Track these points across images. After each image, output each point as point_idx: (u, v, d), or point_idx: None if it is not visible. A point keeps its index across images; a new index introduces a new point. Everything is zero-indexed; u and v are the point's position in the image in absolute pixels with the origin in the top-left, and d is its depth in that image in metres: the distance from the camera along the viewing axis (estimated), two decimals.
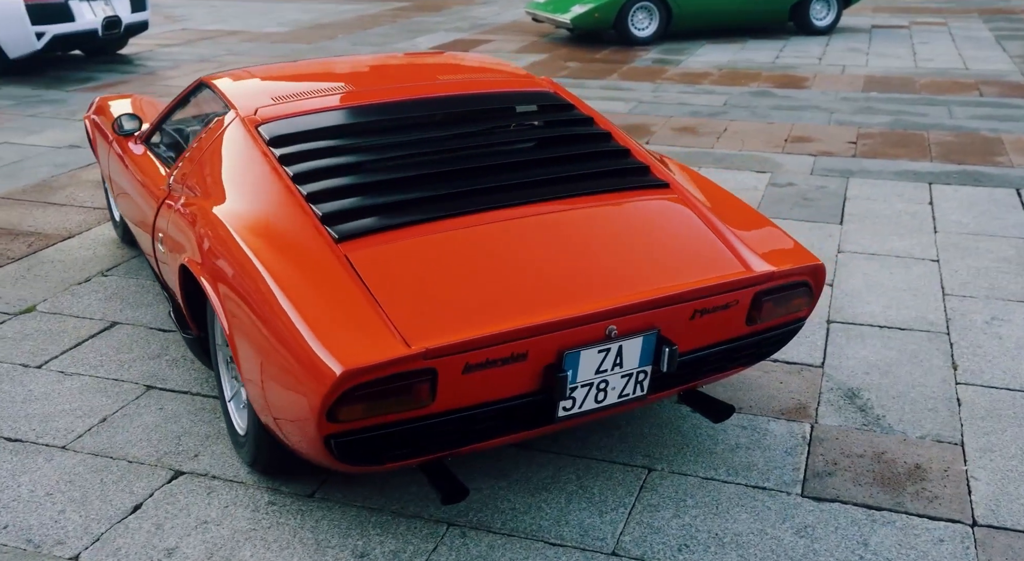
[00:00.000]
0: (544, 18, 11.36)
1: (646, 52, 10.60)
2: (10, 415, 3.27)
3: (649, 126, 7.20)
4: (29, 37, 9.14)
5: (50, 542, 2.64)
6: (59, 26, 9.28)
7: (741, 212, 3.02)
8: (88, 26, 9.50)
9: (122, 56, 10.65)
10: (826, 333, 3.83)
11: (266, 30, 12.66)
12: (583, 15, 10.76)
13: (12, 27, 9.05)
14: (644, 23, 11.06)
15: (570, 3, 11.05)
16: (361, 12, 14.50)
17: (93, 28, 9.54)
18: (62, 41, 9.40)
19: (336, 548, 2.61)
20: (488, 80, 3.48)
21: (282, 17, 13.98)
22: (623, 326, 2.51)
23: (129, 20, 9.99)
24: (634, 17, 10.99)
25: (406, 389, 2.28)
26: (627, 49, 10.81)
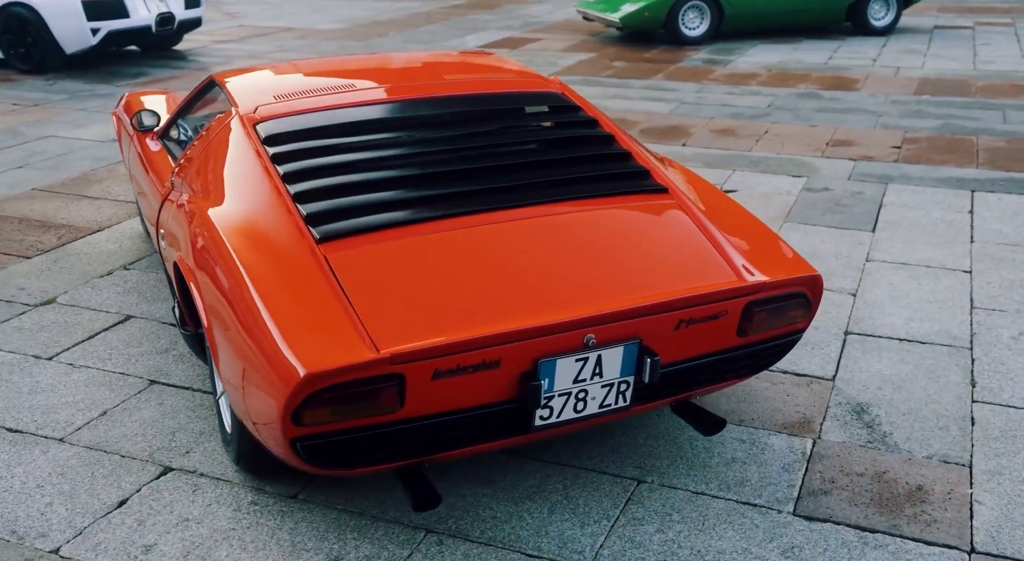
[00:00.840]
0: (594, 17, 11.27)
1: (696, 52, 10.45)
2: (15, 405, 3.32)
3: (688, 127, 7.09)
4: (85, 33, 9.34)
5: (33, 534, 2.67)
6: (114, 22, 9.47)
7: (741, 220, 2.93)
8: (142, 22, 9.68)
9: (176, 52, 10.83)
10: (842, 345, 3.71)
11: (320, 27, 12.77)
12: (633, 14, 10.64)
13: (68, 23, 9.26)
14: (695, 23, 10.90)
15: (620, 2, 10.95)
16: (415, 10, 14.55)
17: (147, 24, 9.72)
18: (117, 37, 9.59)
19: (311, 551, 2.59)
20: (494, 80, 3.44)
21: (337, 14, 14.10)
22: (602, 335, 2.45)
23: (183, 16, 10.15)
24: (685, 16, 10.84)
25: (372, 394, 2.25)
26: (677, 49, 10.67)
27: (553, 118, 3.27)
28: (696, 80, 8.87)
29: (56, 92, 8.68)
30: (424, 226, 2.65)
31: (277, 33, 12.21)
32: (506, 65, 3.74)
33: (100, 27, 9.39)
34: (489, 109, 3.23)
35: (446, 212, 2.70)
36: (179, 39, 10.95)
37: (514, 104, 3.29)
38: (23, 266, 4.59)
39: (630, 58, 10.11)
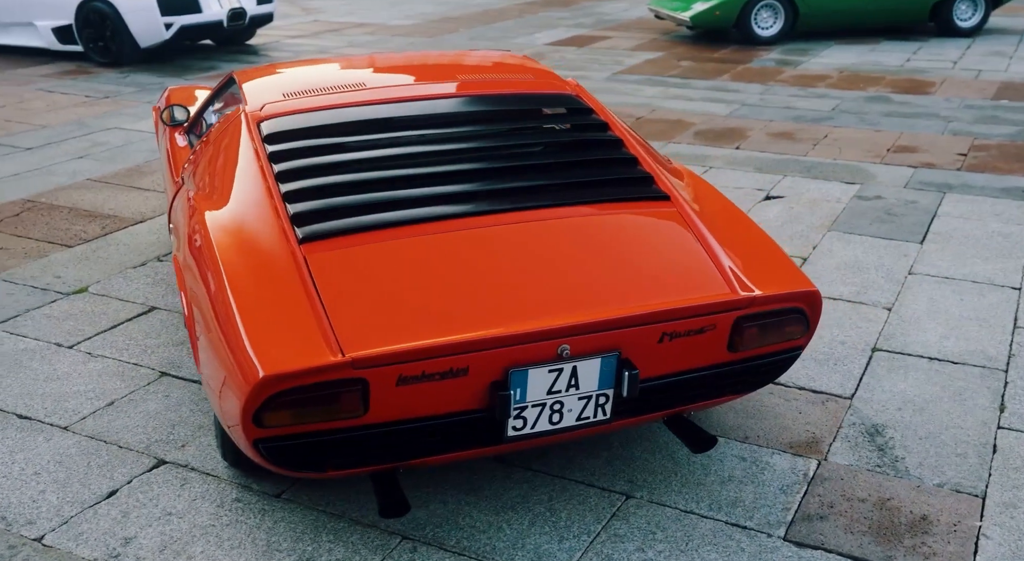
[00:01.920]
0: (665, 15, 11.10)
1: (767, 52, 10.20)
2: (28, 392, 3.40)
3: (745, 130, 6.91)
4: (158, 27, 9.58)
5: (22, 521, 2.72)
6: (186, 17, 9.69)
7: (744, 232, 2.82)
8: (214, 17, 9.88)
9: (249, 46, 11.04)
10: (867, 362, 3.55)
11: (392, 23, 12.87)
12: (703, 13, 10.44)
13: (143, 18, 9.50)
14: (768, 22, 10.64)
15: (692, 0, 10.75)
16: (489, 6, 14.55)
17: (218, 19, 9.92)
18: (189, 31, 9.81)
19: (284, 552, 2.58)
20: (507, 81, 3.38)
21: (412, 10, 14.19)
22: (578, 346, 2.37)
23: (254, 12, 10.33)
24: (757, 16, 10.59)
25: (334, 398, 2.23)
26: (748, 49, 10.43)
27: (562, 121, 3.19)
28: (762, 81, 8.65)
29: (127, 85, 8.92)
30: (411, 228, 2.61)
31: (349, 29, 12.34)
32: (527, 66, 3.67)
33: (173, 22, 9.62)
34: (496, 110, 3.18)
35: (436, 214, 2.66)
36: (252, 34, 11.15)
37: (523, 106, 3.22)
38: (64, 255, 4.71)
39: (698, 58, 9.92)
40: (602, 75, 9.03)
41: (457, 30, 12.13)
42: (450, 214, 2.66)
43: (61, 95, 8.48)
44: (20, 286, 4.34)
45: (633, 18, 13.08)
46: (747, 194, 5.47)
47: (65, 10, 9.83)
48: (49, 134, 7.10)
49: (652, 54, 10.18)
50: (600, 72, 9.19)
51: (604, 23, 12.62)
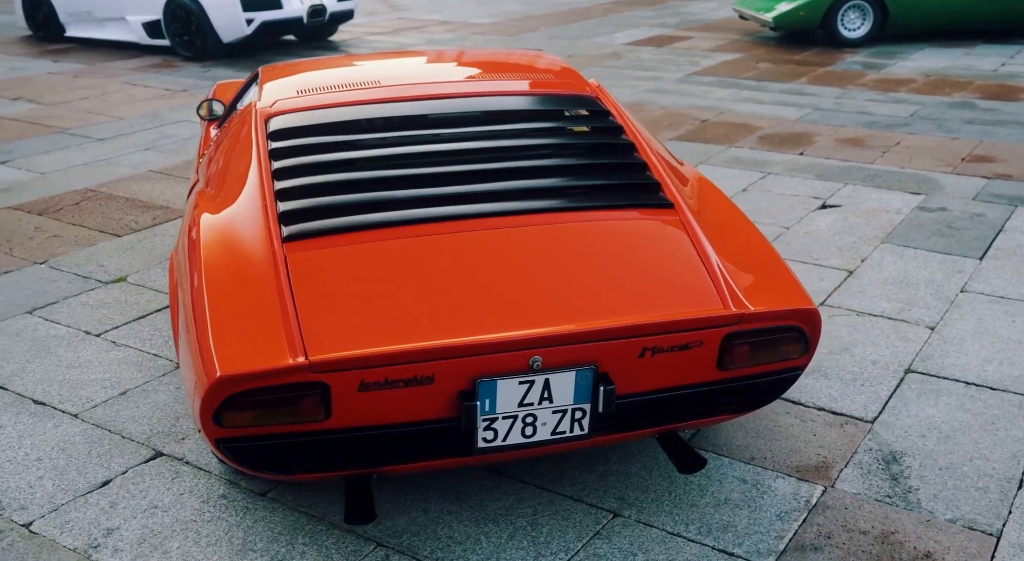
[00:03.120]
0: (749, 16, 10.82)
1: (852, 55, 9.84)
2: (49, 378, 3.48)
3: (812, 135, 6.67)
4: (240, 23, 9.79)
5: (15, 506, 2.78)
6: (267, 13, 9.88)
7: (749, 245, 2.69)
8: (294, 14, 10.04)
9: (331, 43, 11.19)
10: (897, 383, 3.36)
11: (474, 21, 12.89)
12: (787, 14, 10.15)
13: (226, 13, 9.72)
14: (856, 23, 10.27)
15: (776, 0, 10.46)
16: (576, 5, 14.45)
17: (299, 16, 10.08)
18: (270, 27, 9.99)
19: (258, 552, 2.57)
20: (524, 82, 3.31)
21: (497, 8, 14.18)
22: (551, 358, 2.29)
23: (335, 8, 10.47)
24: (844, 17, 10.23)
25: (293, 401, 2.20)
26: (833, 51, 10.09)
27: (576, 123, 3.10)
28: (840, 85, 8.34)
29: (207, 79, 9.13)
30: (398, 230, 2.57)
31: (431, 26, 12.41)
32: (550, 67, 3.59)
33: (254, 17, 9.81)
34: (506, 111, 3.11)
35: (427, 216, 2.60)
36: (333, 30, 11.30)
37: (536, 107, 3.15)
38: (112, 244, 4.82)
39: (778, 59, 9.64)
40: (675, 76, 8.85)
41: (538, 28, 12.07)
42: (442, 216, 2.61)
43: (143, 88, 8.73)
44: (64, 273, 4.46)
45: (719, 18, 12.81)
46: (802, 202, 5.27)
47: (154, 6, 10.13)
48: (123, 126, 7.31)
49: (730, 55, 9.93)
50: (673, 73, 9.01)
51: (688, 23, 12.39)
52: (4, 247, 4.80)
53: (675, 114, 7.37)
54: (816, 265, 4.40)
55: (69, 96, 8.42)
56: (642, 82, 8.62)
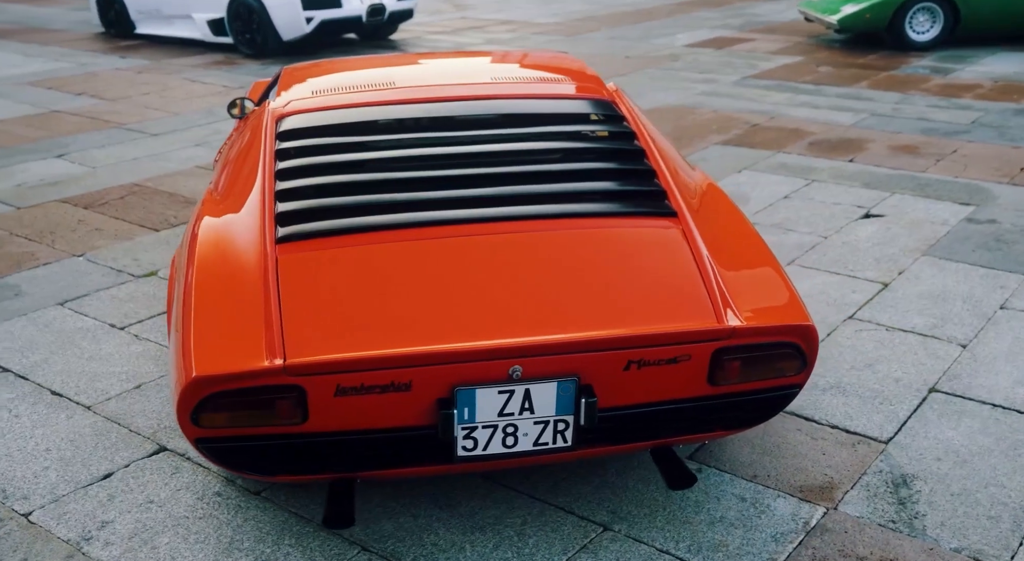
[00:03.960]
0: (814, 18, 10.58)
1: (919, 59, 9.56)
2: (68, 370, 3.56)
3: (865, 142, 6.48)
4: (299, 21, 9.91)
5: (18, 495, 2.84)
6: (326, 11, 9.99)
7: (751, 257, 2.61)
8: (353, 12, 10.14)
9: (391, 41, 11.27)
10: (919, 403, 3.24)
11: (536, 20, 12.85)
12: (852, 16, 9.89)
13: (286, 11, 9.86)
14: (924, 26, 9.96)
15: (842, 2, 10.20)
16: (641, 6, 14.31)
17: (358, 15, 10.17)
18: (330, 26, 10.10)
19: (244, 552, 2.58)
20: (540, 85, 3.26)
21: (562, 8, 14.13)
22: (531, 368, 2.25)
23: (394, 8, 10.53)
24: (913, 19, 9.93)
25: (268, 404, 2.20)
26: (899, 55, 9.81)
27: (588, 127, 3.05)
28: (902, 90, 8.10)
29: (265, 76, 9.26)
30: (392, 234, 2.55)
31: (492, 26, 12.41)
32: (573, 70, 3.54)
33: (314, 16, 9.93)
34: (517, 115, 3.07)
35: (423, 220, 2.58)
36: (394, 29, 11.37)
37: (548, 111, 3.10)
38: (149, 238, 4.91)
39: (840, 63, 9.40)
40: (730, 79, 8.70)
41: (599, 29, 11.99)
42: (439, 220, 2.59)
43: (201, 84, 8.90)
44: (99, 266, 4.55)
45: (785, 20, 12.56)
46: (844, 211, 5.12)
47: (218, 3, 10.32)
48: (177, 122, 7.45)
49: (791, 58, 9.72)
50: (730, 76, 8.85)
51: (753, 25, 12.17)
52: (47, 239, 4.93)
53: (725, 118, 7.23)
54: (850, 277, 4.27)
55: (131, 92, 8.63)
56: (696, 85, 8.49)
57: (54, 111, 7.92)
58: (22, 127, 7.38)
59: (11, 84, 9.11)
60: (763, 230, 4.85)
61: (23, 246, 4.84)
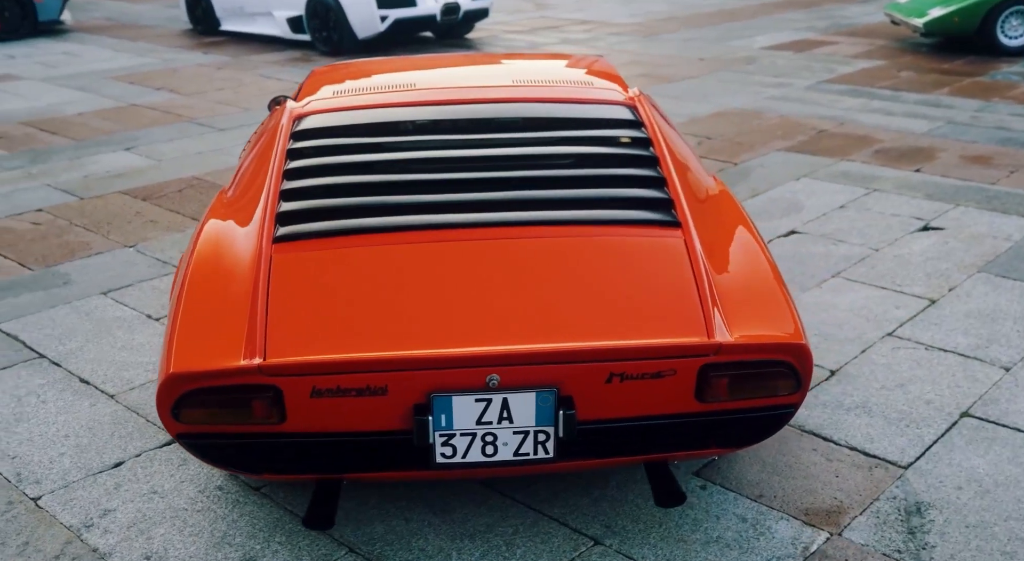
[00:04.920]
0: (900, 20, 10.23)
1: (1010, 65, 9.15)
2: (99, 358, 3.66)
3: (936, 151, 6.23)
4: (374, 19, 10.03)
5: (31, 479, 2.92)
6: (401, 10, 10.07)
7: (751, 273, 2.51)
8: (427, 11, 10.20)
9: (466, 40, 11.31)
10: (948, 427, 3.09)
11: (615, 20, 12.74)
12: (939, 19, 9.52)
13: (361, 10, 9.98)
14: (1018, 30, 9.52)
15: (930, 4, 9.84)
16: (724, 6, 14.06)
17: (432, 14, 10.23)
18: (404, 24, 10.19)
19: (234, 547, 2.61)
20: (560, 89, 3.22)
21: (642, 8, 13.98)
22: (509, 377, 2.22)
23: (469, 7, 10.57)
24: (1005, 23, 9.51)
25: (244, 402, 2.21)
26: (988, 60, 9.41)
27: (602, 133, 2.99)
28: (984, 97, 7.77)
29: None
30: (387, 236, 2.55)
31: (568, 26, 12.35)
32: (598, 74, 3.48)
33: (388, 14, 10.03)
34: (532, 119, 3.03)
35: (420, 223, 2.57)
36: (469, 28, 11.41)
37: (564, 115, 3.05)
38: None
39: (923, 68, 9.07)
40: (805, 83, 8.47)
41: (677, 30, 11.82)
42: (435, 224, 2.57)
43: (276, 81, 9.08)
44: (147, 257, 4.67)
45: (871, 23, 12.18)
46: (901, 222, 4.92)
47: (298, 1, 10.51)
48: (245, 117, 7.61)
49: (872, 63, 9.42)
50: (805, 80, 8.62)
51: (838, 27, 11.84)
52: (103, 229, 5.08)
53: (792, 123, 7.05)
54: (896, 292, 4.10)
55: (207, 87, 8.85)
56: (767, 89, 8.29)
57: (132, 105, 8.18)
58: (99, 120, 7.64)
59: (97, 78, 9.44)
60: (811, 241, 4.70)
61: (80, 236, 5.00)
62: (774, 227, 4.90)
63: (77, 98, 8.52)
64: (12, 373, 3.57)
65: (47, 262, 4.65)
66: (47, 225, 5.18)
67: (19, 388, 3.46)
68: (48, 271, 4.53)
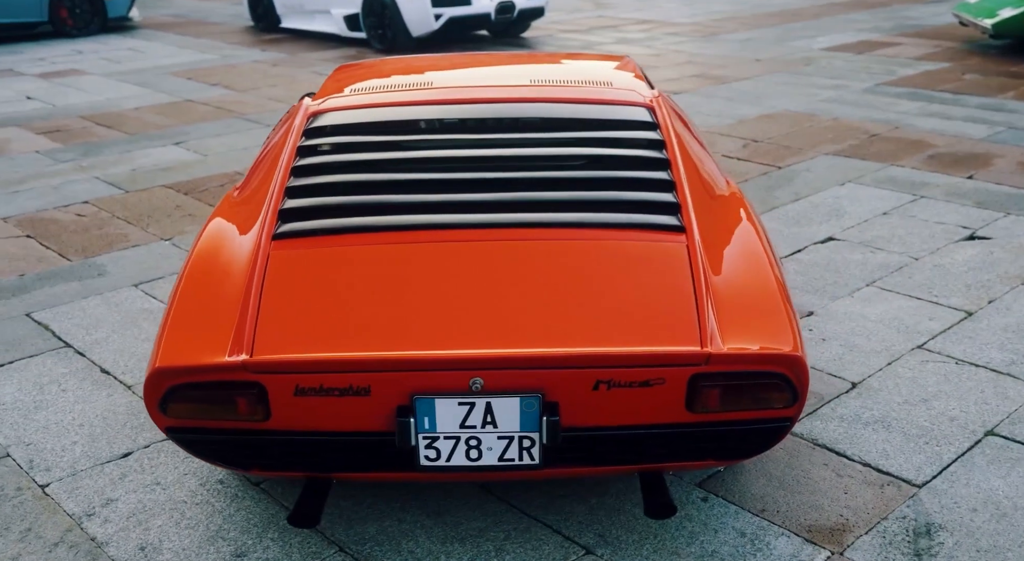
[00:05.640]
0: (968, 21, 9.92)
1: None
2: (123, 349, 3.72)
3: (992, 157, 6.02)
4: (428, 18, 10.06)
5: (42, 467, 2.98)
6: (455, 9, 10.09)
7: (753, 281, 2.44)
8: (482, 10, 10.21)
9: (522, 39, 11.28)
10: (970, 446, 2.97)
11: (674, 20, 12.60)
12: (1010, 20, 9.21)
13: (416, 8, 10.03)
14: None
15: (999, 5, 9.52)
16: (788, 6, 13.81)
17: (486, 12, 10.23)
18: (458, 22, 10.21)
19: (226, 541, 2.62)
20: (577, 89, 3.17)
21: (704, 8, 13.80)
22: (493, 381, 2.18)
23: (523, 5, 10.54)
24: None
25: (228, 399, 2.22)
26: None
27: (617, 134, 2.93)
28: None
29: None
30: (384, 236, 2.53)
31: (627, 25, 12.25)
32: (620, 74, 3.43)
33: (442, 13, 10.06)
34: (544, 119, 2.99)
35: (417, 223, 2.56)
36: (525, 27, 11.38)
37: (578, 116, 3.00)
38: None
39: (989, 71, 8.78)
40: (861, 86, 8.26)
41: (736, 30, 11.63)
42: (434, 224, 2.55)
43: None
44: (181, 251, 4.74)
45: (939, 24, 11.84)
46: (946, 231, 4.76)
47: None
48: None
49: (935, 65, 9.15)
50: (862, 82, 8.41)
51: (903, 28, 11.53)
52: (143, 222, 5.18)
53: (843, 127, 6.87)
54: (931, 303, 3.97)
55: (261, 83, 8.97)
56: (823, 90, 8.10)
57: (187, 100, 8.33)
58: (154, 115, 7.79)
59: (157, 74, 9.64)
60: (849, 248, 4.57)
61: (120, 228, 5.10)
62: (811, 233, 4.78)
63: (136, 93, 8.70)
64: (38, 361, 3.65)
65: (86, 254, 4.75)
66: (91, 217, 5.29)
67: (43, 376, 3.53)
68: (85, 262, 4.63)
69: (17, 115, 7.93)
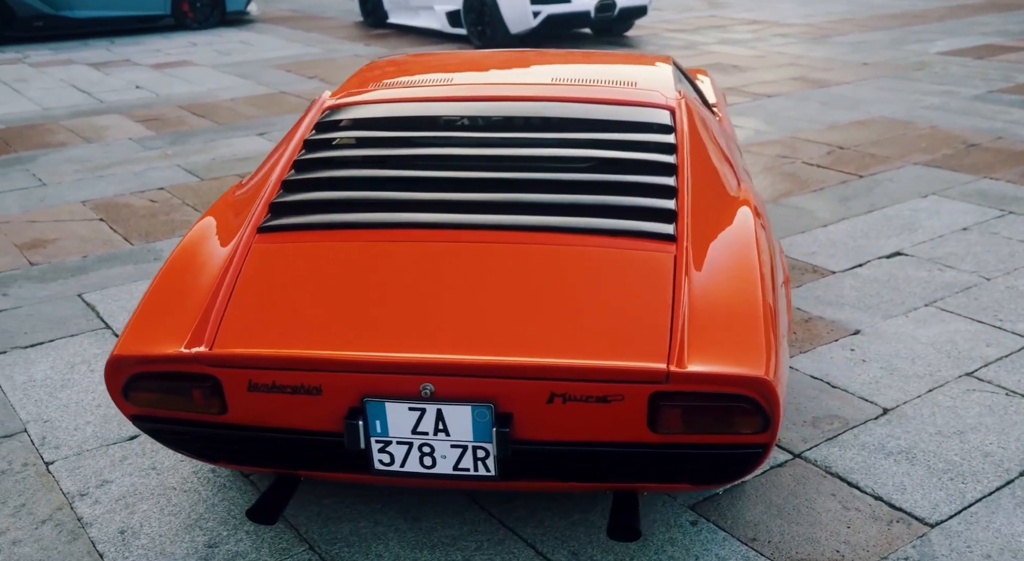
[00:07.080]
0: None
1: None
2: None
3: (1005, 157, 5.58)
4: (527, 15, 10.02)
5: (52, 444, 3.07)
6: (554, 7, 10.02)
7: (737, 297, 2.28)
8: (581, 8, 10.10)
9: (624, 38, 11.12)
10: (1000, 485, 2.73)
11: (787, 21, 12.19)
12: None
13: (514, 5, 9.99)
14: None
15: None
16: (911, 8, 13.18)
17: (586, 10, 10.12)
18: (556, 20, 10.13)
19: (203, 531, 2.63)
20: (597, 89, 3.06)
21: (820, 10, 13.31)
22: (444, 388, 2.11)
23: (625, 4, 10.38)
24: None
25: (185, 390, 2.21)
26: None
27: (629, 136, 2.81)
28: None
29: None
30: (364, 234, 2.50)
31: (735, 25, 11.92)
32: (646, 74, 3.29)
33: (541, 10, 10.00)
34: (555, 119, 2.90)
35: (406, 222, 2.51)
36: (629, 25, 11.21)
37: (592, 116, 2.90)
38: None
39: None
40: (971, 92, 7.79)
41: (848, 32, 11.17)
42: (421, 223, 2.50)
43: None
44: None
45: None
46: None
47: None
48: None
49: None
50: (974, 89, 7.93)
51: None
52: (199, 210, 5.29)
53: (942, 135, 6.49)
54: (994, 327, 3.68)
55: None
56: (928, 96, 7.68)
57: (281, 92, 8.52)
58: (246, 105, 8.00)
59: (260, 66, 9.91)
60: (915, 264, 4.30)
61: (186, 214, 5.24)
62: (878, 247, 4.51)
63: (235, 84, 8.96)
64: (76, 341, 3.77)
65: (148, 238, 4.89)
66: (162, 203, 5.45)
67: (76, 356, 3.65)
68: (145, 247, 4.77)
69: (122, 103, 8.28)
